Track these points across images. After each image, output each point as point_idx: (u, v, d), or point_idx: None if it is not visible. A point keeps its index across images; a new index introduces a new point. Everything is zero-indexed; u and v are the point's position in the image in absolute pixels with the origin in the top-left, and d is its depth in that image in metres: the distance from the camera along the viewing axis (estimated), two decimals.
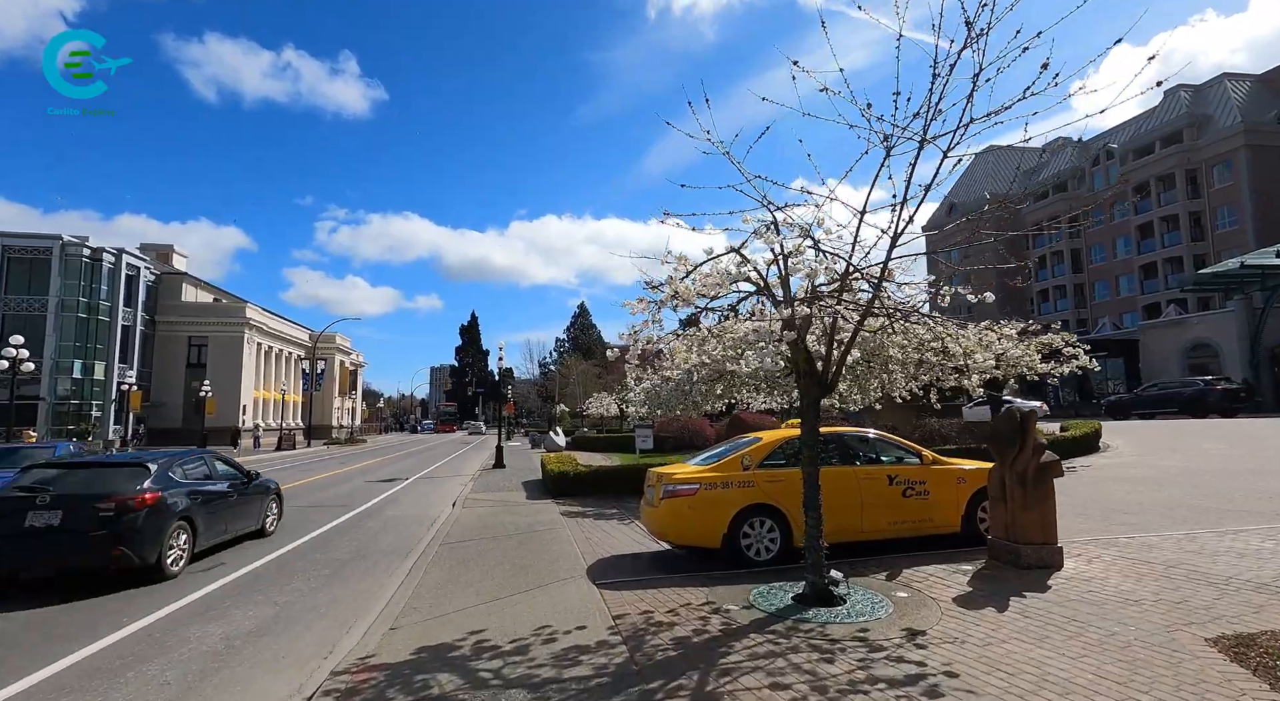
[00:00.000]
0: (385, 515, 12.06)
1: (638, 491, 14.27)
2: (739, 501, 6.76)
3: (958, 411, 20.26)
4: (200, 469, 8.70)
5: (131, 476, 7.46)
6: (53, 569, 7.03)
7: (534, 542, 8.75)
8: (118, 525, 6.84)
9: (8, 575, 6.97)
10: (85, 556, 6.83)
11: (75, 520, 6.81)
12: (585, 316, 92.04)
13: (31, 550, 6.78)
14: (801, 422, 5.82)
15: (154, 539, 7.10)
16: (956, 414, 19.21)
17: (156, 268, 46.32)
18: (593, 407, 48.25)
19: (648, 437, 15.37)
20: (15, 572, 7.02)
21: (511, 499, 13.71)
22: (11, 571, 6.96)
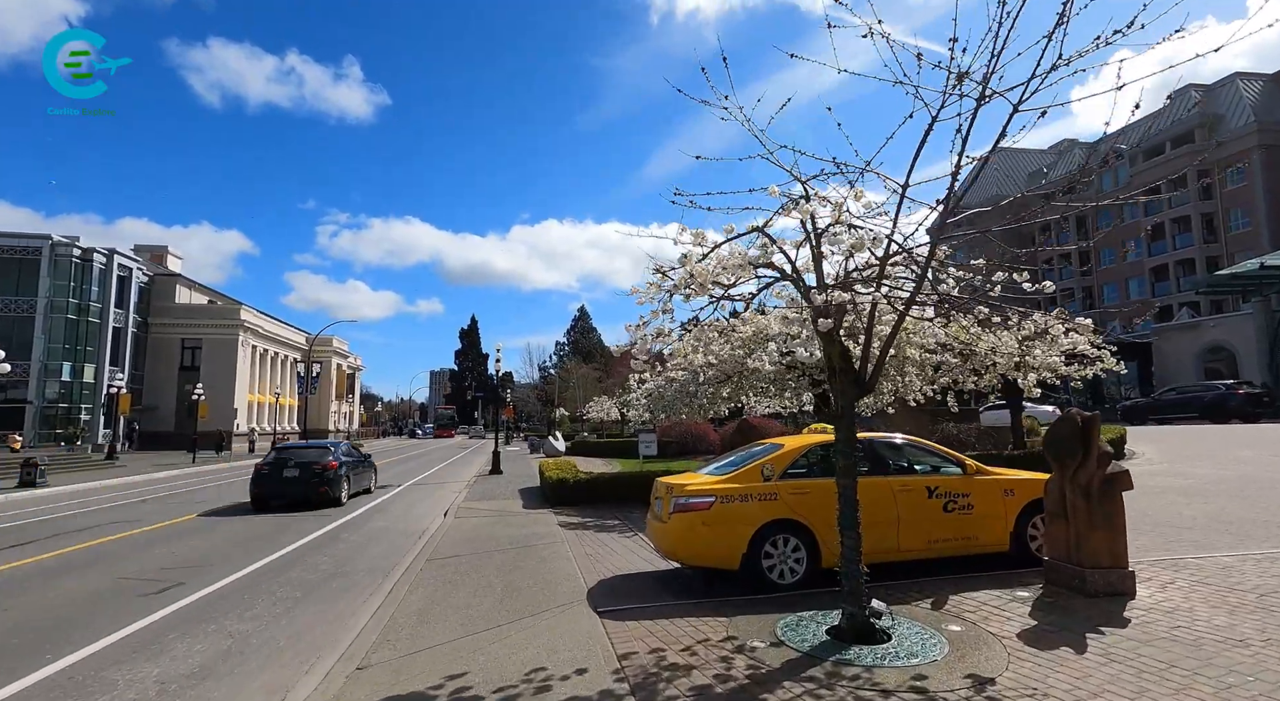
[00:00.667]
0: (371, 526, 11.26)
1: (641, 501, 13.48)
2: (760, 517, 5.97)
3: (974, 415, 19.46)
4: (348, 449, 16.35)
5: (326, 452, 14.54)
6: (292, 498, 13.65)
7: (529, 559, 7.95)
8: (323, 476, 13.75)
9: (269, 499, 13.67)
10: (308, 491, 13.61)
11: (304, 473, 13.70)
12: (585, 320, 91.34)
13: (285, 488, 13.65)
14: (836, 428, 5.03)
15: (338, 484, 14.03)
16: (973, 418, 18.40)
17: (150, 269, 45.61)
18: (593, 411, 47.46)
19: (651, 443, 14.58)
20: (273, 499, 13.68)
21: (507, 508, 12.91)
22: (274, 497, 13.67)
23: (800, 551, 5.99)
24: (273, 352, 52.46)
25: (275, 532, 10.68)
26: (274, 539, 10.08)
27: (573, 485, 12.88)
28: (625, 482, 13.07)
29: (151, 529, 11.26)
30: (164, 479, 22.04)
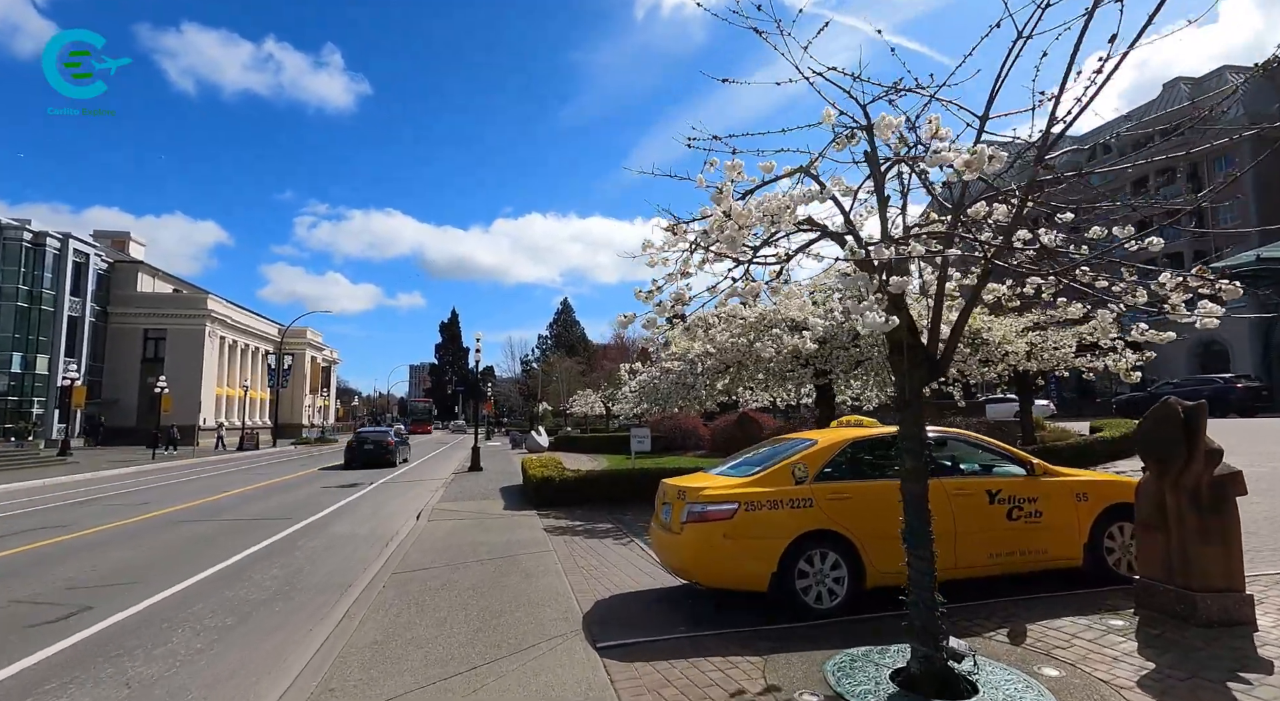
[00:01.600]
0: (332, 531, 10.05)
1: (635, 500, 12.42)
2: (793, 527, 4.94)
3: (980, 409, 18.68)
4: (399, 431, 28.66)
5: (386, 435, 24.78)
6: (369, 462, 22.81)
7: (512, 573, 6.85)
8: (386, 448, 23.47)
9: (357, 462, 22.78)
10: (379, 459, 23.09)
11: (376, 447, 23.39)
12: (568, 313, 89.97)
13: (366, 456, 23.06)
14: (902, 420, 4.02)
15: (398, 453, 24.44)
16: (979, 412, 17.61)
17: (110, 256, 43.32)
18: (576, 406, 46.29)
19: (644, 439, 13.54)
20: (358, 463, 22.67)
21: (487, 509, 11.77)
22: (359, 461, 22.77)
23: (840, 569, 4.97)
24: (243, 344, 50.38)
25: (225, 536, 9.44)
26: (221, 545, 8.84)
27: (559, 484, 11.78)
28: (617, 481, 12.00)
29: (80, 535, 9.94)
30: (115, 477, 20.48)
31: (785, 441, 6.17)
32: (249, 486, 17.03)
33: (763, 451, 6.22)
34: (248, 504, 13.35)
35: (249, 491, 15.88)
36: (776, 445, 6.17)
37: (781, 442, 6.20)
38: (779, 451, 5.76)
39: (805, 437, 5.83)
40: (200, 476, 20.29)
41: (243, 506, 12.97)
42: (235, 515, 11.77)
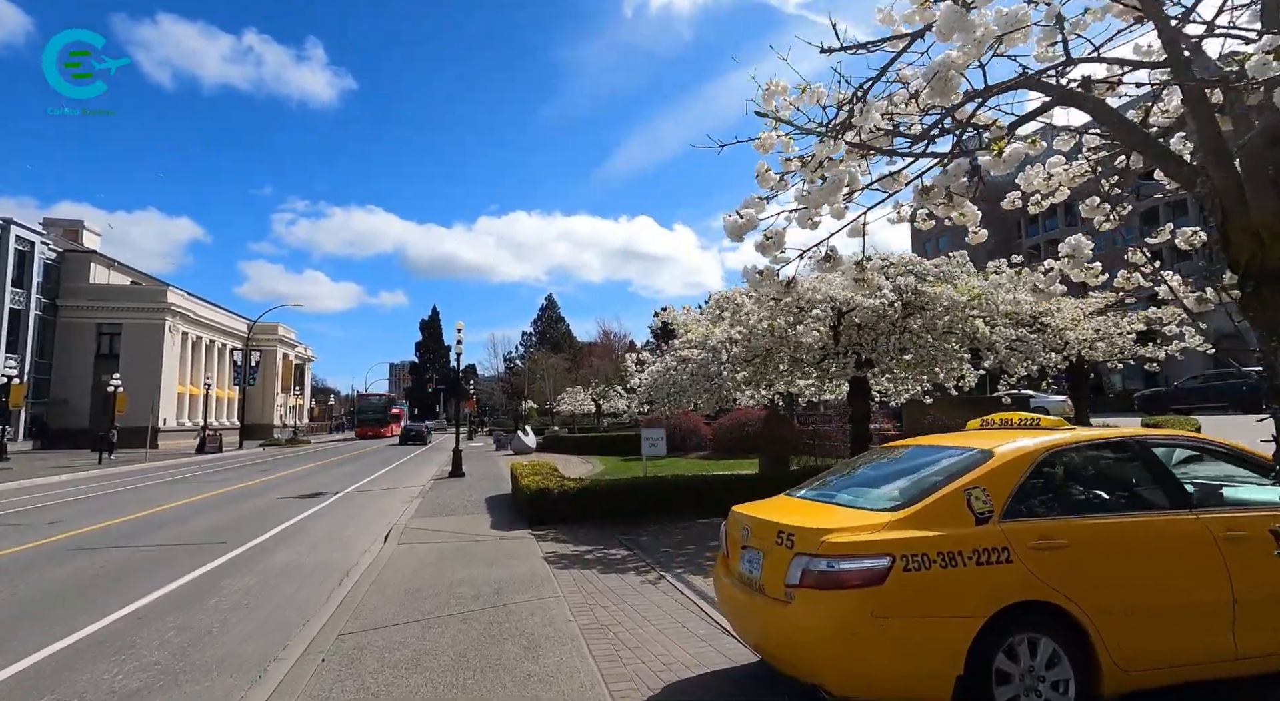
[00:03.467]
0: (272, 563, 7.92)
1: (650, 516, 10.32)
2: (987, 598, 3.01)
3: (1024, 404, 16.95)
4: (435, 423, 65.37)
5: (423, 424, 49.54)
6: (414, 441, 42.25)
7: (509, 639, 4.83)
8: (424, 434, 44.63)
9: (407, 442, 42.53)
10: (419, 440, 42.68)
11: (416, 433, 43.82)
12: (553, 309, 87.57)
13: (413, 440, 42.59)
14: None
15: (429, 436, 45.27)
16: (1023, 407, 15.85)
17: (60, 244, 40.20)
18: (564, 404, 44.15)
19: (659, 442, 11.52)
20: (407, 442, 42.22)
21: (470, 528, 9.71)
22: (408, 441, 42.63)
23: (1059, 664, 3.04)
24: (208, 340, 47.38)
25: (131, 573, 7.28)
26: (117, 588, 6.69)
27: (558, 497, 9.75)
28: (628, 494, 10.01)
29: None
30: (44, 487, 17.99)
31: (910, 450, 4.24)
32: (195, 496, 14.75)
33: (877, 466, 4.29)
34: (182, 522, 11.12)
35: (193, 503, 13.62)
36: (897, 457, 4.24)
37: (903, 451, 4.27)
38: (916, 467, 3.82)
39: (953, 444, 3.89)
40: (144, 485, 17.89)
41: (174, 525, 10.74)
42: (159, 538, 9.57)
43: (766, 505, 4.13)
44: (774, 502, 4.19)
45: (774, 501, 4.24)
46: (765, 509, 3.97)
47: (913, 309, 10.40)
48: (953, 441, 4.02)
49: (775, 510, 3.90)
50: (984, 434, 4.07)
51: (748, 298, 10.28)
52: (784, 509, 3.92)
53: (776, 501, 4.22)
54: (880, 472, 4.08)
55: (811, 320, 9.66)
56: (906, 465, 3.95)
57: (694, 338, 11.54)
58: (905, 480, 3.71)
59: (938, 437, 4.45)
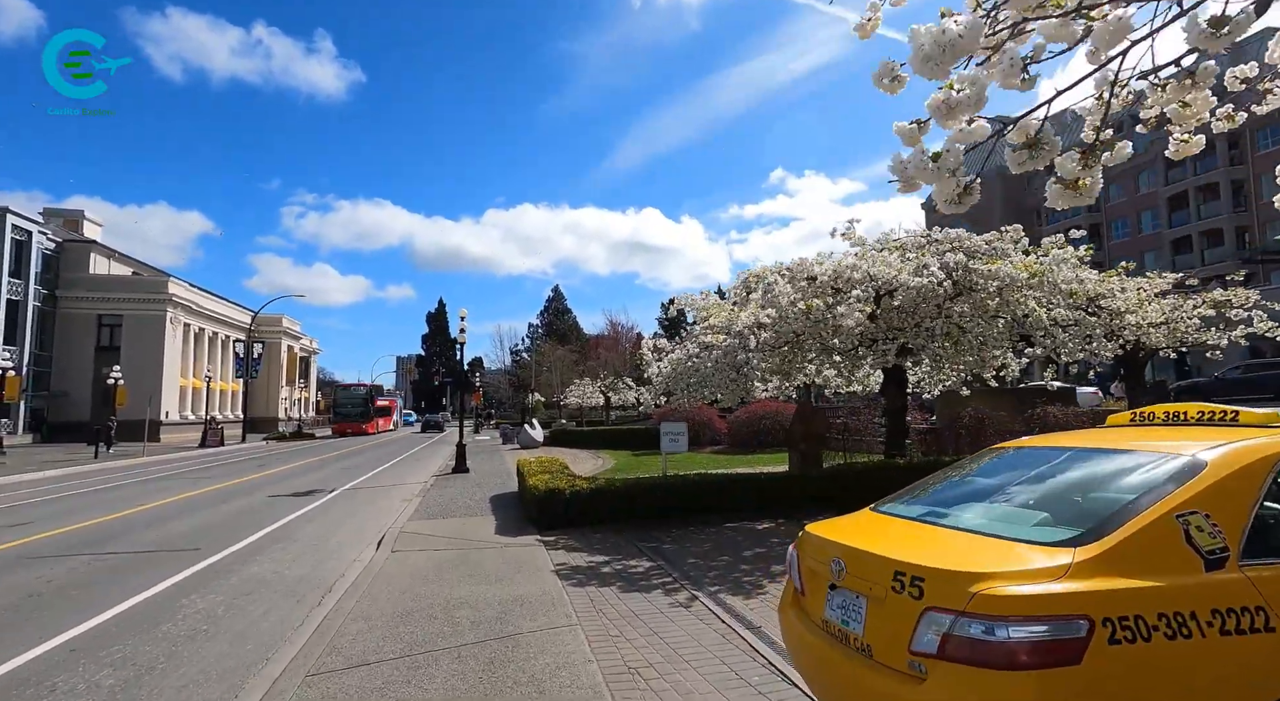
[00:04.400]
0: (246, 575, 6.97)
1: (671, 520, 9.23)
2: (1238, 687, 1.97)
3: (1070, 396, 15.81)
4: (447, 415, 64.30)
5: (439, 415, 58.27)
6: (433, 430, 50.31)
7: (512, 689, 3.85)
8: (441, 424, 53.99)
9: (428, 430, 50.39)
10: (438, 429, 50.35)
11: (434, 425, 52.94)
12: (560, 301, 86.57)
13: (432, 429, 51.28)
14: None
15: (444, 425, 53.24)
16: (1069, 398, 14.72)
17: (59, 234, 39.52)
18: (571, 397, 43.27)
19: (680, 437, 10.47)
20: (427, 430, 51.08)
21: (473, 532, 8.75)
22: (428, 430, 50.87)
23: None
24: (210, 332, 46.70)
25: (84, 587, 6.37)
26: (64, 606, 5.78)
27: (569, 499, 8.76)
28: (648, 495, 9.01)
29: None
30: (30, 482, 17.21)
31: (1042, 451, 3.21)
32: (183, 494, 13.89)
33: (1002, 472, 3.27)
34: (161, 523, 10.23)
35: (179, 502, 12.75)
36: (1030, 460, 3.21)
37: (1034, 453, 3.25)
38: (1075, 478, 2.80)
39: (1123, 446, 2.84)
40: (132, 481, 17.08)
41: (151, 528, 9.85)
42: (128, 544, 8.66)
43: (855, 526, 3.12)
44: (864, 522, 3.18)
45: (862, 519, 3.23)
46: (859, 532, 2.96)
47: (961, 289, 9.33)
48: (1114, 441, 2.98)
49: (874, 535, 2.88)
50: (1155, 432, 3.03)
51: (779, 276, 9.22)
52: (885, 534, 2.91)
53: (866, 520, 3.21)
54: (1012, 483, 3.05)
55: (854, 301, 8.60)
56: (1052, 474, 2.92)
57: (717, 323, 10.51)
58: (1066, 497, 2.68)
59: (1079, 436, 3.40)
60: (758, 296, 9.71)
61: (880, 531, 2.95)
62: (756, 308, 10.01)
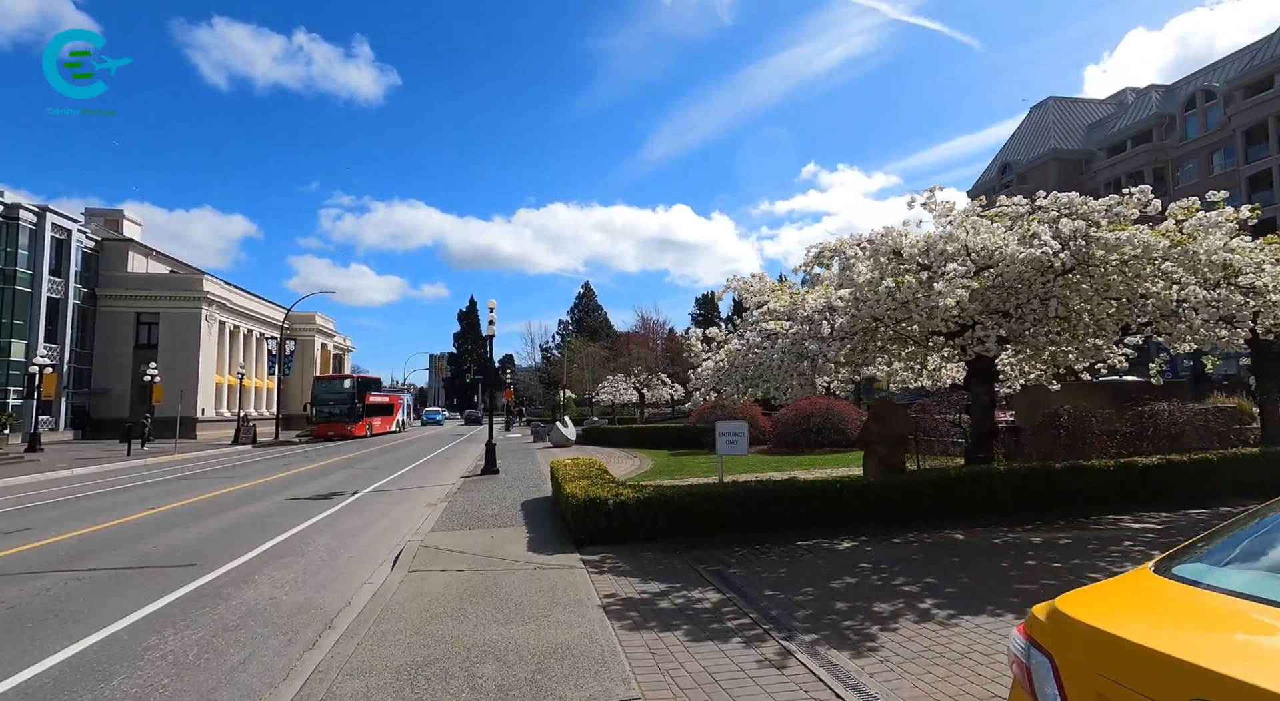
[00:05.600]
0: (238, 603, 5.89)
1: (736, 534, 7.31)
2: None
3: (1183, 390, 13.93)
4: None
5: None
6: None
7: None
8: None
9: None
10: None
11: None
12: (590, 297, 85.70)
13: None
14: None
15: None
16: (1179, 393, 12.87)
17: (99, 233, 39.98)
18: (604, 393, 42.18)
19: (739, 437, 9.08)
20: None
21: (502, 548, 7.57)
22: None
23: None
24: (245, 329, 46.96)
25: (55, 615, 5.38)
26: (28, 638, 4.77)
27: (613, 511, 7.51)
28: (705, 506, 7.71)
29: None
30: (57, 481, 16.77)
31: None
32: (200, 496, 13.11)
33: None
34: (164, 531, 9.33)
35: (192, 505, 11.93)
36: None
37: None
38: None
39: None
40: (156, 481, 16.48)
41: (151, 537, 8.94)
42: (120, 557, 7.72)
43: (1167, 611, 1.78)
44: (1175, 602, 1.83)
45: (1164, 596, 1.88)
46: (1195, 631, 1.61)
47: (1079, 260, 7.77)
48: None
49: (1193, 638, 1.54)
50: None
51: (860, 248, 7.80)
52: (1208, 625, 1.55)
53: (1174, 598, 1.86)
54: None
55: (953, 277, 7.14)
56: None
57: (778, 307, 9.12)
58: None
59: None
60: (831, 273, 8.31)
61: (1195, 620, 1.60)
62: (827, 288, 8.60)
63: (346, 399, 37.89)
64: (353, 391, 38.37)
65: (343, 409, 37.27)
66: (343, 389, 38.75)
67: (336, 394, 38.20)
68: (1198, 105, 40.81)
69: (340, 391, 38.49)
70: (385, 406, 42.39)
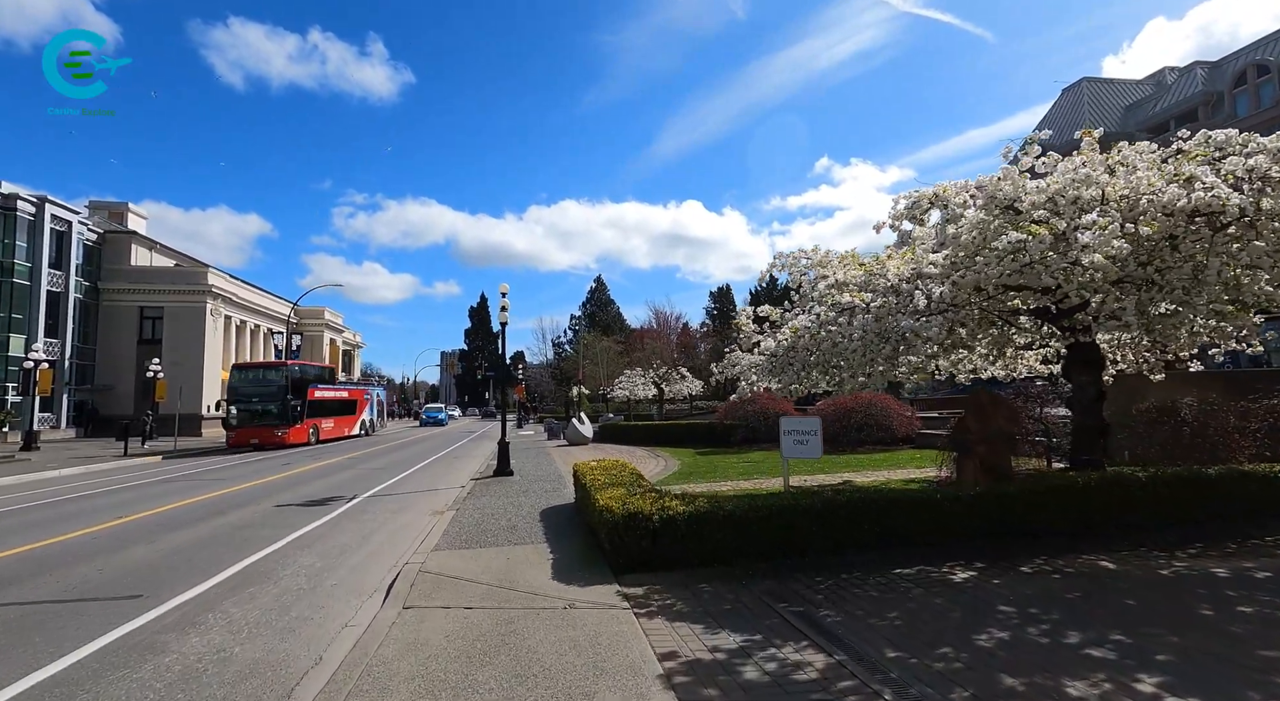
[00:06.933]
0: (167, 662, 4.41)
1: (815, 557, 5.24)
2: None
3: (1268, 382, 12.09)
4: None
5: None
6: None
7: None
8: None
9: None
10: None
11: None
12: (603, 291, 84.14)
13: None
14: None
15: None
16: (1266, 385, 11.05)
17: (102, 225, 38.98)
18: (619, 389, 40.65)
19: (810, 438, 7.39)
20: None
21: (520, 575, 6.06)
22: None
23: None
24: (252, 324, 45.90)
25: None
26: None
27: (659, 529, 5.96)
28: (772, 521, 6.14)
29: None
30: (28, 485, 15.52)
31: None
32: (184, 500, 11.75)
33: None
34: (122, 548, 7.92)
35: (167, 512, 10.54)
36: None
37: None
38: None
39: None
40: (142, 483, 15.18)
41: (104, 555, 7.53)
42: (55, 584, 6.30)
43: None
44: None
45: None
46: None
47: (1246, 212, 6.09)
48: None
49: None
50: None
51: (970, 195, 6.17)
52: None
53: None
54: None
55: (1100, 231, 5.50)
56: None
57: (848, 279, 7.50)
58: None
59: None
60: (923, 232, 6.69)
61: None
62: (912, 251, 6.97)
63: (276, 393, 27.81)
64: (285, 383, 28.04)
65: (272, 407, 27.57)
66: (271, 380, 28.46)
67: (263, 387, 28.22)
68: (1249, 81, 38.46)
69: (268, 383, 28.33)
70: (341, 403, 33.33)
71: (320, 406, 30.33)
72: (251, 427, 27.08)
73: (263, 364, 32.76)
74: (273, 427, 27.02)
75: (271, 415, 27.33)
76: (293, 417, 27.58)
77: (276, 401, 27.60)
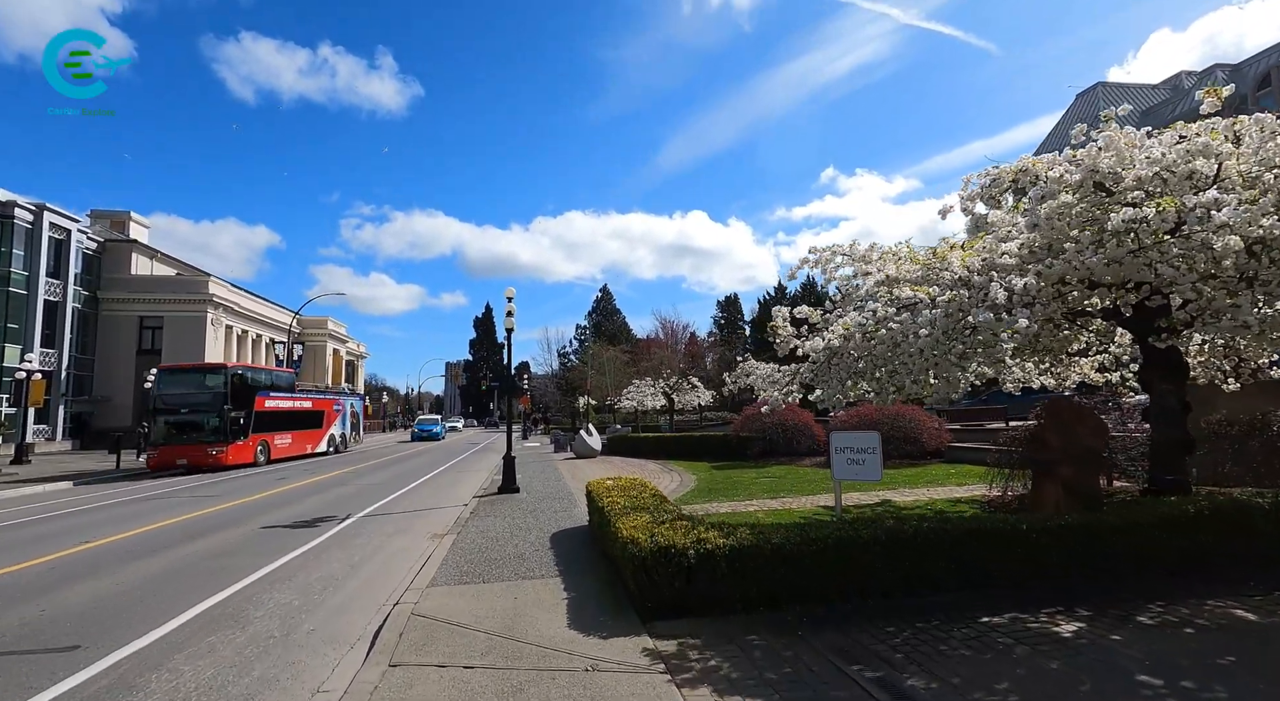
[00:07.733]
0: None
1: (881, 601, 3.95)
2: None
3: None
4: None
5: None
6: None
7: None
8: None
9: None
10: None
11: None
12: (609, 300, 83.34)
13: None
14: None
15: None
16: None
17: (102, 234, 38.43)
18: (627, 399, 39.64)
19: (868, 456, 6.31)
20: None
21: (531, 622, 5.09)
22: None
23: None
24: (254, 334, 45.20)
25: None
26: None
27: (694, 566, 5.00)
28: (824, 558, 5.16)
29: None
30: (7, 502, 14.62)
31: None
32: (159, 521, 10.82)
33: None
34: (75, 580, 6.99)
35: (136, 536, 9.61)
36: None
37: None
38: None
39: None
40: (123, 501, 14.27)
41: (51, 590, 6.61)
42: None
43: None
44: None
45: None
46: None
47: None
48: None
49: None
50: None
51: (1066, 170, 5.23)
52: None
53: None
54: None
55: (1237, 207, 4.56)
56: None
57: (901, 274, 6.54)
58: None
59: None
60: (1000, 215, 5.74)
61: None
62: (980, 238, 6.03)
63: (212, 402, 21.83)
64: (224, 390, 21.97)
65: (206, 419, 21.66)
66: (205, 385, 22.34)
67: (193, 393, 22.14)
68: (1273, 83, 37.56)
69: (200, 389, 22.24)
70: (301, 415, 27.22)
71: (273, 419, 24.50)
72: (179, 445, 21.33)
73: (195, 366, 25.63)
74: (205, 445, 21.15)
75: (203, 429, 21.46)
76: (233, 432, 21.76)
77: (212, 412, 21.58)
